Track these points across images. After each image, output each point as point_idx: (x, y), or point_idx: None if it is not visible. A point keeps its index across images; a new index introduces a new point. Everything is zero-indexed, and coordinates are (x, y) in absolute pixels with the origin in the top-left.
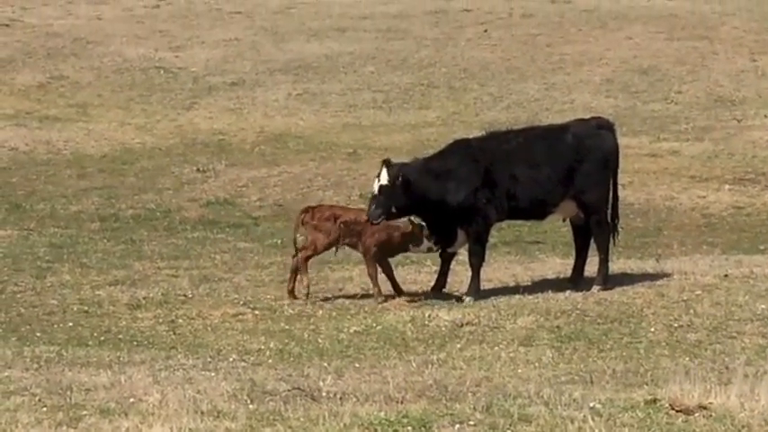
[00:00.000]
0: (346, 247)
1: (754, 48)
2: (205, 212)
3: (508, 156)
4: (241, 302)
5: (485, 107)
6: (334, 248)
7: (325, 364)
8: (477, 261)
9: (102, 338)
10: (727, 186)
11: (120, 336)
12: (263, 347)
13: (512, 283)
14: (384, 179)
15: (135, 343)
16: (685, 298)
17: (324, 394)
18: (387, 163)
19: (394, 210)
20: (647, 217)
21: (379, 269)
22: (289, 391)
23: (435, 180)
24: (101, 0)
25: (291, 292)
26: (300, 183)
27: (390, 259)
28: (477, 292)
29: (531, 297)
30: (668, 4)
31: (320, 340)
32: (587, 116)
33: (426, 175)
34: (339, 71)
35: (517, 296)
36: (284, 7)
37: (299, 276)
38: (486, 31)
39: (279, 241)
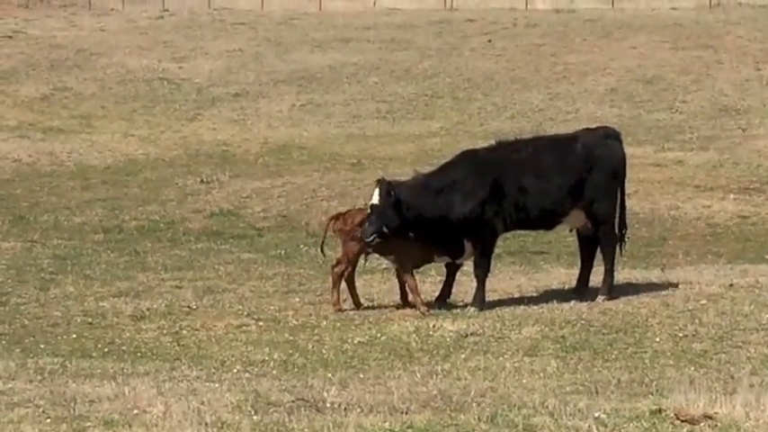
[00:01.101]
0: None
1: (758, 57)
2: (209, 223)
3: (516, 166)
4: (245, 313)
5: (489, 117)
6: (363, 257)
7: (330, 375)
8: (482, 272)
9: (106, 350)
10: (731, 196)
11: (124, 347)
12: (267, 358)
13: (516, 294)
14: (375, 198)
15: (139, 354)
16: (690, 308)
17: (328, 405)
18: (379, 182)
19: (386, 229)
20: (651, 227)
21: (395, 274)
22: (293, 402)
23: (436, 196)
24: (104, 11)
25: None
26: (304, 193)
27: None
28: (481, 302)
29: (535, 307)
30: (673, 14)
31: (324, 351)
32: (592, 126)
33: (424, 192)
34: (343, 82)
35: (522, 306)
36: (288, 18)
37: (332, 292)
38: (490, 41)
39: (283, 252)
